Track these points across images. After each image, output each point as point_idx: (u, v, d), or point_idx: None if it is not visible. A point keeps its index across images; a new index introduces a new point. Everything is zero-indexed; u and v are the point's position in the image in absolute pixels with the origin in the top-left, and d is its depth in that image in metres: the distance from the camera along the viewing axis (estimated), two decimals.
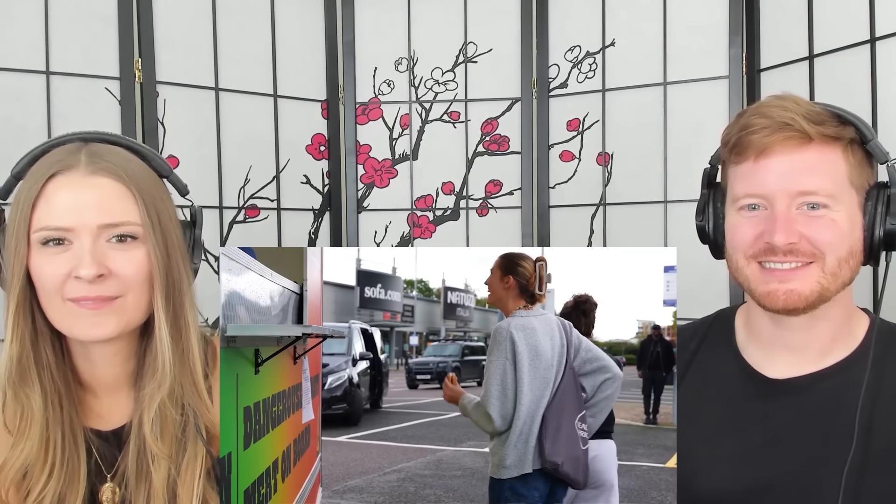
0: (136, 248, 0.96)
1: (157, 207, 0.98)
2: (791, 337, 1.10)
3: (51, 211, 0.94)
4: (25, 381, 0.97)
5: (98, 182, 0.95)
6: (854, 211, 1.05)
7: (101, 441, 1.03)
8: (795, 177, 1.03)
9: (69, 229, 0.94)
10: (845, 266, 1.04)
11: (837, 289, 1.05)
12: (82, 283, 0.93)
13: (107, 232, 0.95)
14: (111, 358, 1.03)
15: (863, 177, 1.06)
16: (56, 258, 0.94)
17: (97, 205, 0.94)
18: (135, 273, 0.96)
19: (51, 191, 0.95)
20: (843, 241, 1.04)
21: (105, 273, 0.94)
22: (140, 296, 0.97)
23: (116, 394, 1.05)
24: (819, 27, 2.07)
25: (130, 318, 0.97)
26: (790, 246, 1.02)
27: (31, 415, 0.97)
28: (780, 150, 1.03)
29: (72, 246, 0.94)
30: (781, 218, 1.03)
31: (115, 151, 1.00)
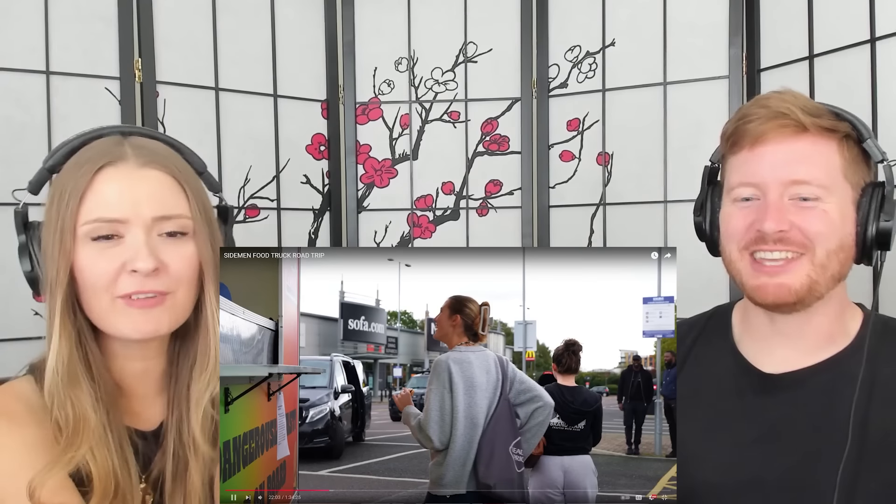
0: (186, 243, 0.94)
1: (204, 202, 0.97)
2: (786, 332, 1.10)
3: (102, 203, 0.90)
4: (74, 383, 0.91)
5: (150, 174, 0.93)
6: (846, 205, 1.05)
7: (142, 441, 0.99)
8: (789, 166, 1.03)
9: (123, 221, 0.90)
10: (834, 259, 1.04)
11: (827, 283, 1.05)
12: (137, 278, 0.90)
13: (160, 225, 0.92)
14: (147, 355, 1.00)
15: (858, 174, 1.06)
16: (107, 252, 0.90)
17: (150, 197, 0.92)
18: (185, 268, 0.94)
19: (101, 182, 0.91)
20: (834, 233, 1.03)
21: (160, 267, 0.91)
22: (189, 292, 0.95)
23: (149, 393, 1.02)
24: (819, 27, 2.07)
25: (180, 315, 0.96)
26: (780, 234, 1.02)
27: (83, 419, 0.90)
28: (775, 139, 1.04)
29: (122, 240, 0.91)
30: (773, 206, 1.03)
31: (159, 145, 0.98)
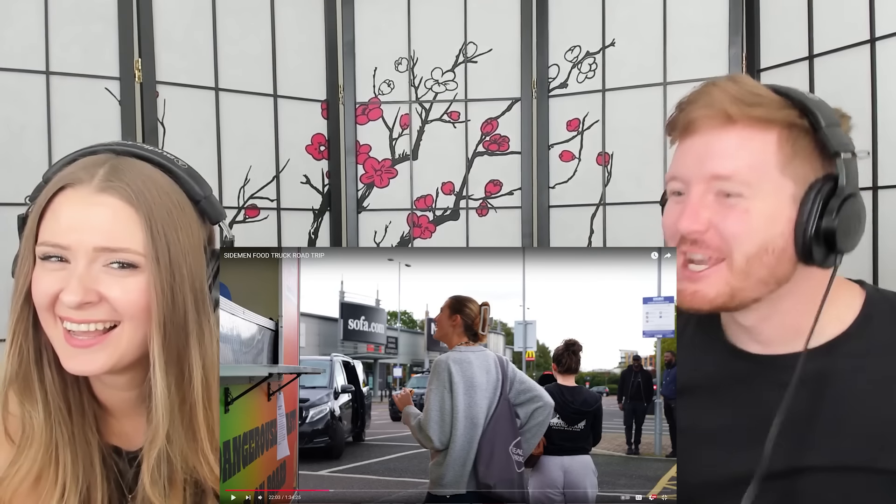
0: (134, 276, 0.89)
1: (168, 237, 0.90)
2: (747, 328, 1.04)
3: (54, 226, 0.89)
4: (27, 396, 0.92)
5: (105, 201, 0.88)
6: (780, 203, 0.94)
7: (122, 461, 0.97)
8: (711, 159, 0.95)
9: (66, 247, 0.88)
10: (756, 263, 0.95)
11: (756, 288, 0.96)
12: (70, 307, 0.87)
13: (104, 256, 0.88)
14: (120, 384, 0.97)
15: (807, 168, 0.95)
16: (52, 275, 0.88)
17: (99, 226, 0.88)
18: (130, 302, 0.88)
19: (57, 204, 0.89)
20: (753, 235, 0.94)
21: (93, 300, 0.88)
22: (136, 328, 0.90)
23: (134, 416, 0.99)
24: (819, 27, 2.07)
25: (124, 352, 0.91)
26: (696, 234, 0.95)
27: (31, 431, 0.92)
28: (702, 129, 0.96)
29: (68, 266, 0.88)
30: (690, 204, 0.96)
31: (138, 170, 0.93)
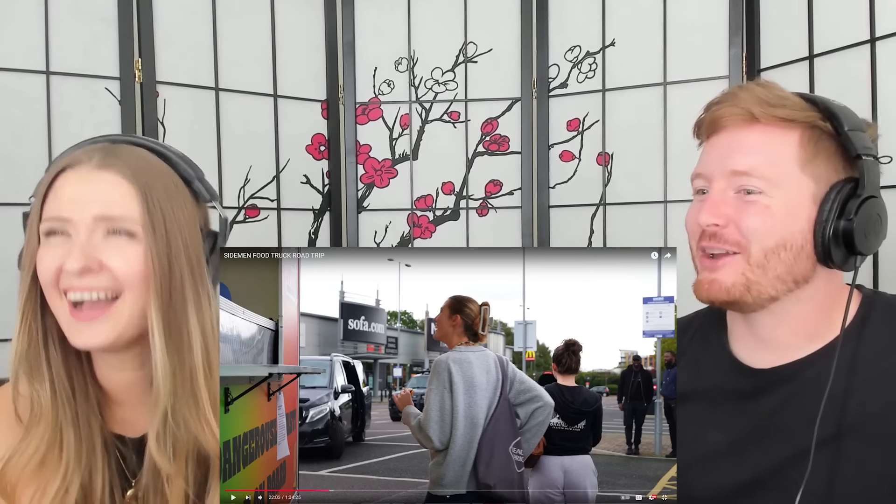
0: (133, 246, 0.94)
1: (164, 210, 0.95)
2: (760, 333, 1.05)
3: (56, 202, 0.94)
4: (36, 374, 0.96)
5: (103, 177, 0.95)
6: (800, 200, 0.97)
7: (125, 447, 1.00)
8: (732, 156, 0.99)
9: (68, 219, 0.93)
10: (774, 258, 0.97)
11: (772, 284, 0.98)
12: (72, 275, 0.92)
13: (103, 225, 0.93)
14: (123, 363, 1.00)
15: (829, 168, 0.98)
16: (55, 250, 0.93)
17: (98, 198, 0.94)
18: (129, 271, 0.93)
19: (59, 185, 0.95)
20: (772, 230, 0.97)
21: (95, 267, 0.92)
22: (136, 299, 0.94)
23: (136, 400, 1.02)
24: (819, 27, 2.07)
25: (126, 324, 0.95)
26: (714, 228, 0.98)
27: (39, 409, 0.96)
28: (727, 127, 1.01)
29: (70, 239, 0.93)
30: (711, 198, 0.99)
31: (134, 152, 0.99)
